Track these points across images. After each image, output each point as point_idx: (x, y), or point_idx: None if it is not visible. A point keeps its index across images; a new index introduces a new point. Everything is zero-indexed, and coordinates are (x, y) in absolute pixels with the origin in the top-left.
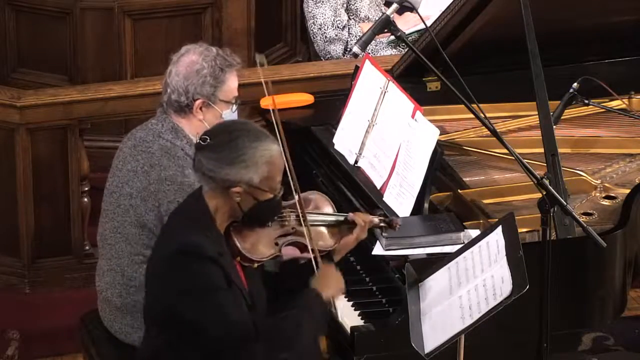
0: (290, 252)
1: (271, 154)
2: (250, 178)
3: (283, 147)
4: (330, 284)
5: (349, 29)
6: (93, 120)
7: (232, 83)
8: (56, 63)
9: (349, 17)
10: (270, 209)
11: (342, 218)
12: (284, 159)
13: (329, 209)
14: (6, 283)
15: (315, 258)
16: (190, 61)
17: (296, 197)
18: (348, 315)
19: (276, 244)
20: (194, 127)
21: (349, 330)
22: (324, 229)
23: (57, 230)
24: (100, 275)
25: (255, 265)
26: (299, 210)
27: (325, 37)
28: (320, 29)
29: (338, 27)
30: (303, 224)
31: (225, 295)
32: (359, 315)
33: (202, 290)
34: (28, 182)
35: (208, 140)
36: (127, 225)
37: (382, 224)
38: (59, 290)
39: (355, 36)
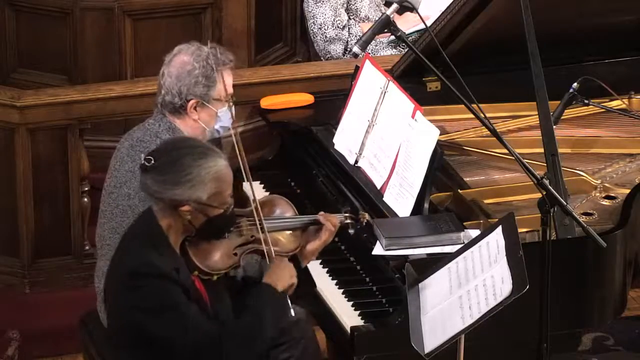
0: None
1: (217, 170)
2: (198, 196)
3: (240, 152)
4: (283, 277)
5: (349, 28)
6: (93, 120)
7: (225, 81)
8: (56, 63)
9: (349, 17)
10: (223, 223)
11: (307, 220)
12: (242, 167)
13: (290, 212)
14: (6, 283)
15: (268, 252)
16: (182, 62)
17: (253, 205)
18: (348, 315)
19: (235, 254)
20: (189, 127)
21: (349, 330)
22: (287, 233)
23: (57, 230)
24: (100, 276)
25: (215, 277)
26: (256, 218)
27: (326, 36)
28: (320, 28)
29: (338, 26)
30: (260, 231)
31: (187, 308)
32: (359, 315)
33: (164, 307)
34: (28, 182)
35: (152, 162)
36: (126, 226)
37: (349, 221)
38: (59, 290)
39: (356, 36)
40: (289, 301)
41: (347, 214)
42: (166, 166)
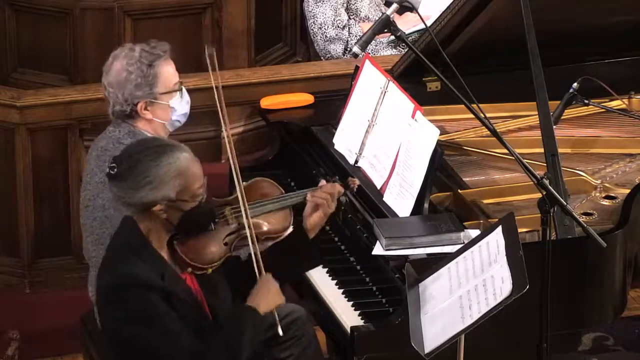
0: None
1: (177, 165)
2: (165, 194)
3: (230, 145)
4: (268, 299)
5: (349, 28)
6: (93, 120)
7: (165, 73)
8: (56, 63)
9: (349, 16)
10: (201, 215)
11: (294, 198)
12: (230, 155)
13: (276, 192)
14: (6, 283)
15: (257, 263)
16: (117, 70)
17: (238, 189)
18: (348, 315)
19: (225, 244)
20: (149, 126)
21: (349, 330)
22: (275, 214)
23: (57, 230)
24: (93, 284)
25: (209, 270)
26: (241, 204)
27: (326, 36)
28: (320, 28)
29: (338, 26)
30: (245, 217)
31: (168, 318)
32: (359, 315)
33: (145, 318)
34: (28, 182)
35: (115, 169)
36: (106, 237)
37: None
38: (59, 290)
39: (356, 36)
40: (277, 317)
41: (337, 181)
42: (126, 172)
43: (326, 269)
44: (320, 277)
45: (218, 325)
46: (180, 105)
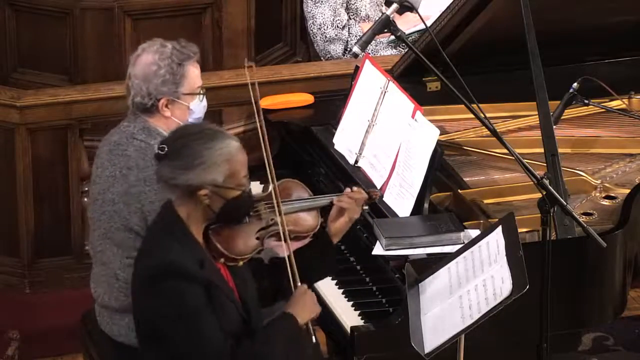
0: (273, 244)
1: (229, 151)
2: (213, 179)
3: (263, 137)
4: (306, 308)
5: (349, 28)
6: (93, 120)
7: (192, 75)
8: (56, 63)
9: (349, 16)
10: (242, 205)
11: (323, 200)
12: (264, 148)
13: (305, 194)
14: (6, 283)
15: (293, 275)
16: (146, 62)
17: (271, 187)
18: (348, 315)
19: (257, 238)
20: (164, 124)
21: (349, 330)
22: (305, 214)
23: (57, 230)
24: (96, 282)
25: (240, 262)
26: (274, 201)
27: (325, 36)
28: (320, 28)
29: (338, 26)
30: (278, 214)
31: (203, 320)
32: (359, 315)
33: (181, 312)
34: (28, 182)
35: (166, 149)
36: (115, 231)
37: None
38: (59, 290)
39: (356, 36)
40: (311, 328)
41: (362, 189)
42: (178, 152)
43: None
44: None
45: (250, 318)
46: (198, 109)
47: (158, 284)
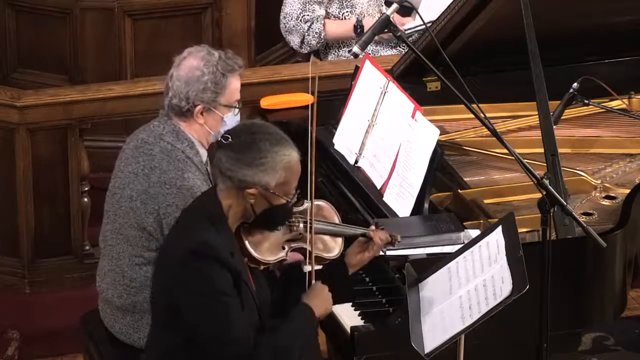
0: (293, 256)
1: (290, 160)
2: (267, 182)
3: (311, 151)
4: (322, 302)
5: (311, 24)
6: (93, 120)
7: (233, 87)
8: (56, 63)
9: (346, 10)
10: (282, 213)
11: (358, 232)
12: (309, 163)
13: (335, 219)
14: (6, 283)
15: (310, 253)
16: (191, 66)
17: (307, 203)
18: (348, 315)
19: (283, 247)
20: (194, 130)
21: (349, 330)
22: (332, 238)
23: (57, 230)
24: (102, 275)
25: (262, 267)
26: (308, 218)
27: (285, 26)
28: (284, 17)
29: (302, 20)
30: (308, 231)
31: (230, 304)
32: (359, 315)
33: (208, 295)
34: (28, 182)
35: (230, 139)
36: (128, 227)
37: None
38: (59, 290)
39: (315, 32)
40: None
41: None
42: (242, 146)
43: None
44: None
45: (263, 324)
46: (231, 122)
47: (191, 262)
